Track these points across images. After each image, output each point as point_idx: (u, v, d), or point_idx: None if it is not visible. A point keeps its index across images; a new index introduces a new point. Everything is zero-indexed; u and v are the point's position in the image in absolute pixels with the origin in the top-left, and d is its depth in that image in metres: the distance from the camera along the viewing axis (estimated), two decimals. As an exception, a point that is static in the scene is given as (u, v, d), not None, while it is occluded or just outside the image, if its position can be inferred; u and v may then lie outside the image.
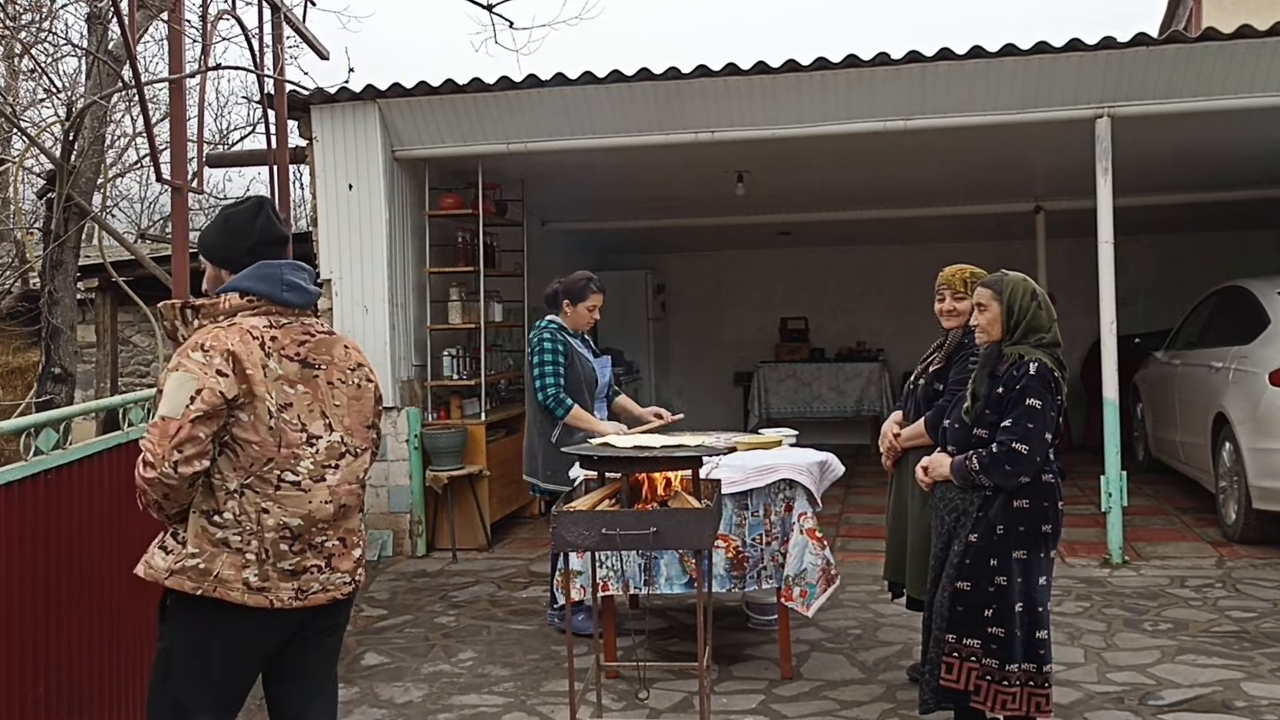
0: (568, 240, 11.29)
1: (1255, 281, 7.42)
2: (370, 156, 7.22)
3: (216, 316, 2.75)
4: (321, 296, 2.93)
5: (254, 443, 2.66)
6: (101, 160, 7.14)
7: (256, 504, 2.68)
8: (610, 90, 6.86)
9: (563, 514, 3.67)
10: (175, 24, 4.29)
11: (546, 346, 5.27)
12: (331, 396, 2.82)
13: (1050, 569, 3.67)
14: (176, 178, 4.61)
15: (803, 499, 4.64)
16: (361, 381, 2.93)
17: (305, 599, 2.75)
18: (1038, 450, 3.51)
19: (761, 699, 4.48)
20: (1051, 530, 3.62)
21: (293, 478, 2.71)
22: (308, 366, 2.79)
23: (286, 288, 2.79)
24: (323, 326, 2.90)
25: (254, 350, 2.68)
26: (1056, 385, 3.55)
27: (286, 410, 2.72)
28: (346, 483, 2.83)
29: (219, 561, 2.66)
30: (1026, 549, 3.58)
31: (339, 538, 2.82)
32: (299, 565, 2.73)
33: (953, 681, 3.61)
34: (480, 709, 4.47)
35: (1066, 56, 6.37)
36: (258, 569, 2.67)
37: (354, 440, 2.87)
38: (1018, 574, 3.56)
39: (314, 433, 2.76)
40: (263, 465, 2.68)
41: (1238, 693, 4.36)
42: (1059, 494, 3.64)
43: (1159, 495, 8.43)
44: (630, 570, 4.68)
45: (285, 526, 2.70)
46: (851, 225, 11.14)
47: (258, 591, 2.68)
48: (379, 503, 7.27)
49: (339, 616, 2.94)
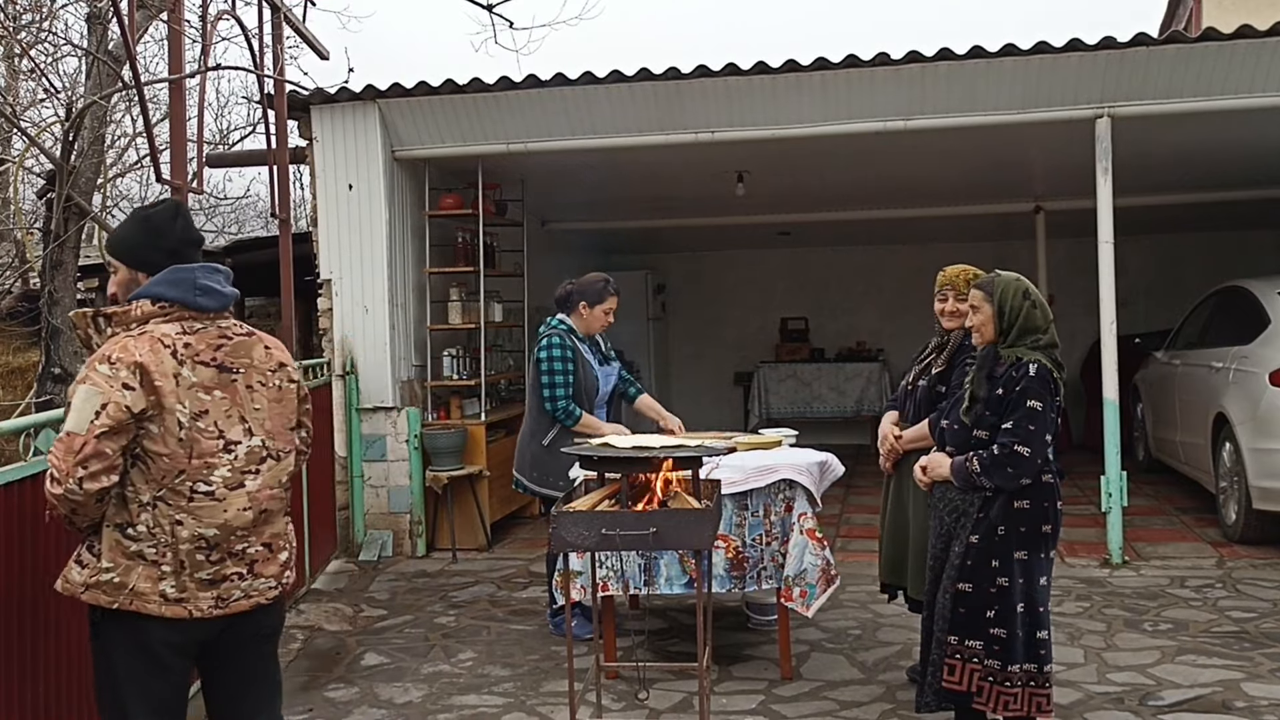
0: (568, 240, 11.29)
1: (1255, 281, 7.42)
2: (370, 156, 7.21)
3: (129, 324, 2.70)
4: (235, 298, 2.86)
5: (164, 455, 2.64)
6: (101, 160, 7.15)
7: (170, 516, 2.65)
8: (610, 90, 6.86)
9: (562, 514, 3.67)
10: (175, 24, 4.29)
11: (556, 354, 5.15)
12: (251, 400, 2.79)
13: (1050, 569, 3.69)
14: (176, 178, 4.62)
15: (803, 499, 4.64)
16: (283, 383, 2.88)
17: (227, 606, 2.73)
18: (1039, 452, 3.52)
19: (761, 699, 4.48)
20: (1051, 530, 3.63)
21: (206, 488, 2.68)
22: (225, 371, 2.75)
23: (200, 292, 2.74)
24: (241, 328, 2.85)
25: (165, 360, 2.64)
26: (1056, 386, 3.56)
27: (202, 418, 2.68)
28: (268, 488, 2.80)
29: (134, 574, 2.64)
30: (1027, 549, 3.59)
31: (263, 543, 2.79)
32: (218, 574, 2.71)
33: (955, 683, 3.61)
34: (480, 709, 4.47)
35: (1066, 57, 6.37)
36: (174, 580, 2.66)
37: (276, 443, 2.83)
38: (1019, 574, 3.57)
39: (232, 438, 2.73)
40: (174, 477, 2.65)
41: (1238, 693, 4.36)
42: (1058, 494, 3.66)
43: (1159, 495, 8.43)
44: (630, 570, 4.68)
45: (201, 537, 2.67)
46: (852, 225, 11.14)
47: (175, 603, 2.66)
48: (379, 503, 7.27)
49: (268, 622, 2.90)
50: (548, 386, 5.15)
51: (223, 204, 16.54)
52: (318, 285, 7.38)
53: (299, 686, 4.79)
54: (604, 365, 5.41)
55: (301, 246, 7.56)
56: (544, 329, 5.33)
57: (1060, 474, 3.71)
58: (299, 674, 4.96)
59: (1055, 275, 10.57)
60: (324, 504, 6.80)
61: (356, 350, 7.24)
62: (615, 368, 5.51)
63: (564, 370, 5.15)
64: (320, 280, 7.35)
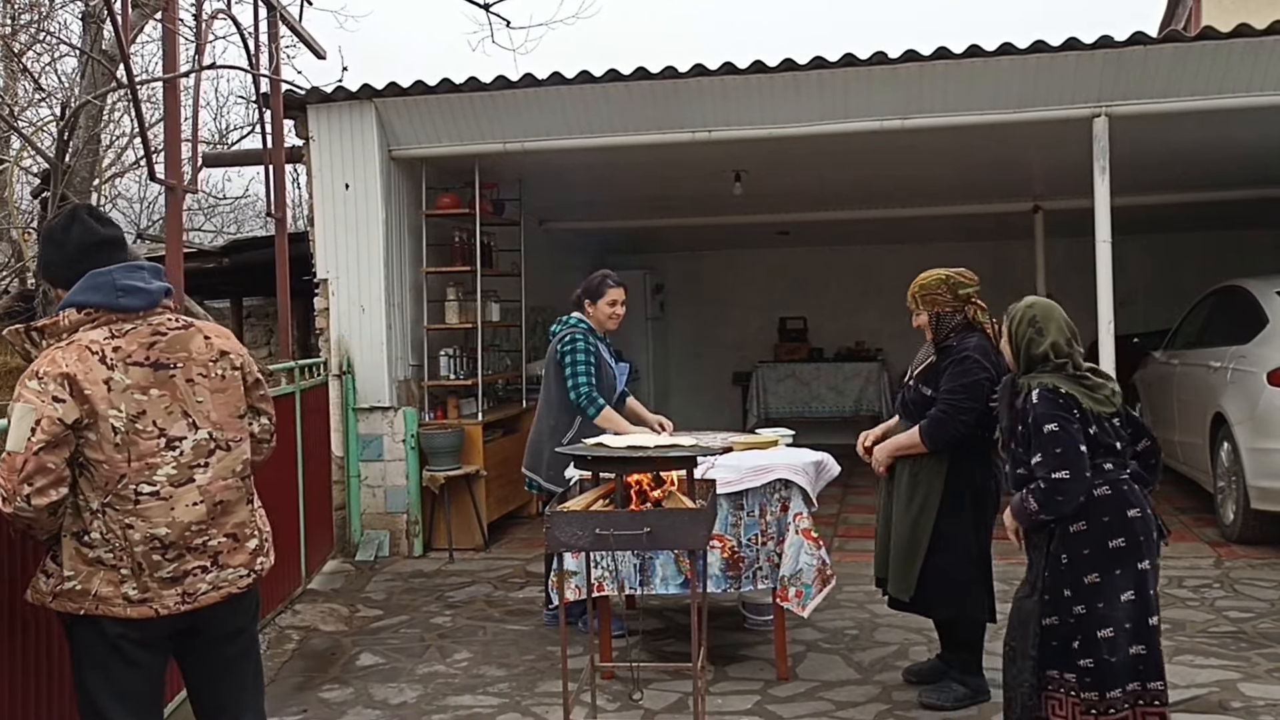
0: (566, 240, 11.28)
1: (1253, 281, 7.41)
2: (367, 156, 7.20)
3: (59, 335, 2.70)
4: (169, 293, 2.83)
5: (103, 462, 2.64)
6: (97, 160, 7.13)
7: (120, 520, 2.66)
8: (607, 89, 6.85)
9: (556, 514, 3.66)
10: (169, 23, 4.28)
11: (580, 346, 5.21)
12: (193, 393, 2.76)
13: (1144, 579, 3.47)
14: (172, 177, 4.61)
15: (798, 499, 4.63)
16: (226, 371, 2.85)
17: (195, 601, 2.73)
18: (1078, 471, 3.40)
19: (757, 699, 4.47)
20: (1126, 543, 3.45)
21: (149, 489, 2.67)
22: (161, 368, 2.72)
23: (122, 292, 2.71)
24: (177, 322, 2.81)
25: (93, 367, 2.63)
26: (1067, 400, 3.46)
27: (140, 419, 2.67)
28: (220, 479, 2.78)
29: (96, 580, 2.66)
30: (1098, 571, 3.44)
31: (225, 534, 2.78)
32: (179, 571, 2.70)
33: (1063, 717, 3.50)
34: (475, 709, 4.46)
35: (1064, 56, 6.36)
36: (135, 582, 2.67)
37: (225, 434, 2.81)
38: (1097, 599, 3.44)
39: (175, 434, 2.71)
40: (116, 483, 2.65)
41: (1235, 694, 4.35)
42: (1128, 502, 3.48)
43: (1157, 495, 8.29)
44: (625, 570, 4.67)
45: (154, 538, 2.67)
46: (850, 225, 11.13)
47: (140, 603, 2.67)
48: (375, 503, 7.26)
49: (240, 612, 2.88)
50: (571, 376, 5.18)
51: (222, 204, 16.50)
52: (315, 285, 7.37)
53: (294, 687, 4.77)
54: (618, 363, 5.51)
55: (299, 246, 7.56)
56: (561, 327, 5.37)
57: (1140, 479, 3.60)
58: (294, 674, 4.95)
59: (1054, 275, 10.56)
60: (321, 504, 6.79)
61: (353, 350, 7.23)
62: (626, 366, 5.62)
63: (586, 361, 5.20)
64: (317, 280, 7.34)
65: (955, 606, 4.27)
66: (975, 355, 4.13)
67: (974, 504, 4.22)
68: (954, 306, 4.23)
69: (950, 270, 4.30)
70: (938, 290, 4.23)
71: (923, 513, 4.21)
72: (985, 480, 4.25)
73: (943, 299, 4.23)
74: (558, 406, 5.26)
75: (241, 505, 2.85)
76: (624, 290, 5.40)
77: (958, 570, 4.19)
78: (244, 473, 2.87)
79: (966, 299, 4.24)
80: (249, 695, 2.97)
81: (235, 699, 2.94)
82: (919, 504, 4.22)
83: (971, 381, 4.10)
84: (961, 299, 4.23)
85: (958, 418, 4.10)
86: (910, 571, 4.23)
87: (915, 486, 4.25)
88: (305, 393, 6.44)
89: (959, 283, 4.24)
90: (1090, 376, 3.56)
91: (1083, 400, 3.48)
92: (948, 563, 4.19)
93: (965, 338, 4.21)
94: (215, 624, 2.83)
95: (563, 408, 5.23)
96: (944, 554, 4.18)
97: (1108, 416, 3.52)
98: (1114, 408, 3.54)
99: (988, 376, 4.08)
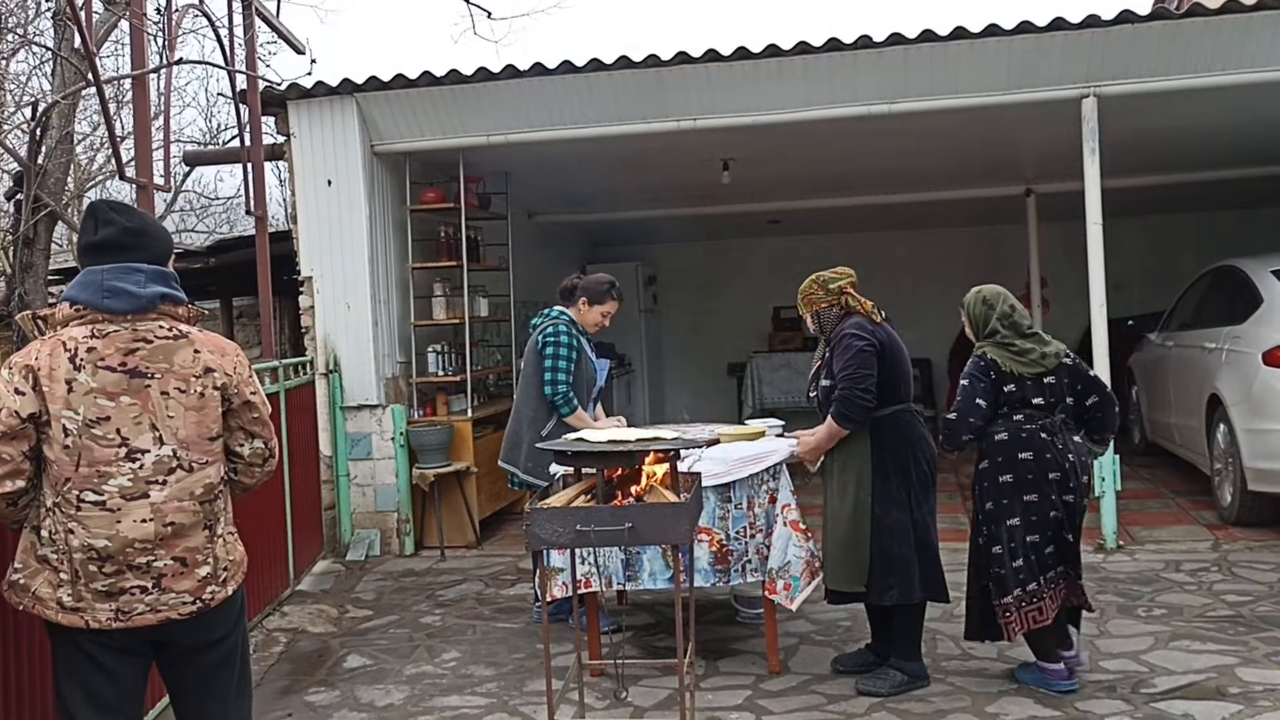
0: (556, 232, 11.21)
1: (1248, 261, 7.33)
2: (349, 151, 7.12)
3: (55, 327, 2.68)
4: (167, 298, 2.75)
5: (53, 461, 2.60)
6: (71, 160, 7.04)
7: (63, 523, 2.61)
8: (590, 79, 6.77)
9: (537, 511, 3.59)
10: (136, 19, 4.20)
11: (564, 341, 5.16)
12: (165, 407, 2.67)
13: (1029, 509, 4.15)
14: (143, 175, 4.53)
15: (786, 490, 4.56)
16: (206, 390, 2.73)
17: (128, 620, 2.64)
18: (963, 416, 4.19)
19: (748, 694, 4.40)
20: (1013, 479, 4.17)
21: (95, 497, 2.60)
22: (138, 376, 2.64)
23: (108, 294, 2.65)
24: (168, 330, 2.72)
25: (60, 364, 2.58)
26: (987, 363, 4.20)
27: (100, 424, 2.60)
28: (176, 499, 2.67)
29: (39, 579, 2.63)
30: (992, 500, 4.22)
31: (174, 557, 2.67)
32: (114, 586, 2.62)
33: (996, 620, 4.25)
34: (462, 710, 4.39)
35: (1051, 36, 6.28)
36: (71, 589, 2.61)
37: (189, 454, 2.70)
38: (993, 523, 4.21)
39: (138, 446, 2.63)
40: (63, 485, 2.59)
41: (1232, 678, 4.28)
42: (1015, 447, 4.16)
43: (1155, 479, 8.35)
44: (612, 566, 4.60)
45: (91, 548, 2.60)
46: (842, 213, 11.05)
47: (71, 611, 2.62)
48: (365, 502, 7.20)
49: (215, 624, 2.79)
50: (550, 371, 5.13)
51: (214, 204, 16.42)
52: (299, 282, 7.29)
53: (279, 691, 4.71)
54: (598, 359, 5.44)
55: (286, 244, 7.48)
56: (543, 319, 5.31)
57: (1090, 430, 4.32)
58: (279, 678, 4.89)
59: (1048, 259, 10.50)
60: (309, 504, 6.72)
61: (339, 348, 7.16)
62: (607, 363, 5.57)
63: (568, 358, 5.15)
64: (301, 277, 7.26)
65: (898, 590, 4.29)
66: (851, 330, 4.33)
67: (903, 483, 4.32)
68: (829, 301, 4.47)
69: (824, 271, 4.55)
70: (811, 291, 4.50)
71: (858, 501, 4.32)
72: (911, 455, 4.35)
73: (817, 297, 4.49)
74: (536, 398, 5.19)
75: (197, 530, 2.72)
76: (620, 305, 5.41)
77: (898, 551, 4.28)
78: (204, 497, 2.73)
79: (840, 290, 4.47)
80: (232, 705, 2.89)
81: (217, 709, 2.86)
82: (852, 493, 4.34)
83: (855, 352, 4.28)
84: (834, 292, 4.47)
85: (857, 389, 4.26)
86: (857, 560, 4.31)
87: (845, 475, 4.37)
88: (291, 392, 6.37)
89: (829, 279, 4.49)
90: (1018, 343, 4.21)
91: (1004, 364, 4.17)
92: (887, 545, 4.29)
93: (842, 323, 4.42)
94: (189, 634, 2.75)
95: (541, 399, 5.17)
96: (883, 536, 4.29)
97: (1032, 377, 4.18)
98: (1041, 369, 4.19)
99: (869, 343, 4.29)
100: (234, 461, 2.87)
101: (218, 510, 2.80)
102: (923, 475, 4.37)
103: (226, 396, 2.79)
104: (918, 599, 4.33)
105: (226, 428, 2.82)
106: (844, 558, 4.35)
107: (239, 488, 2.93)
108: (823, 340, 4.55)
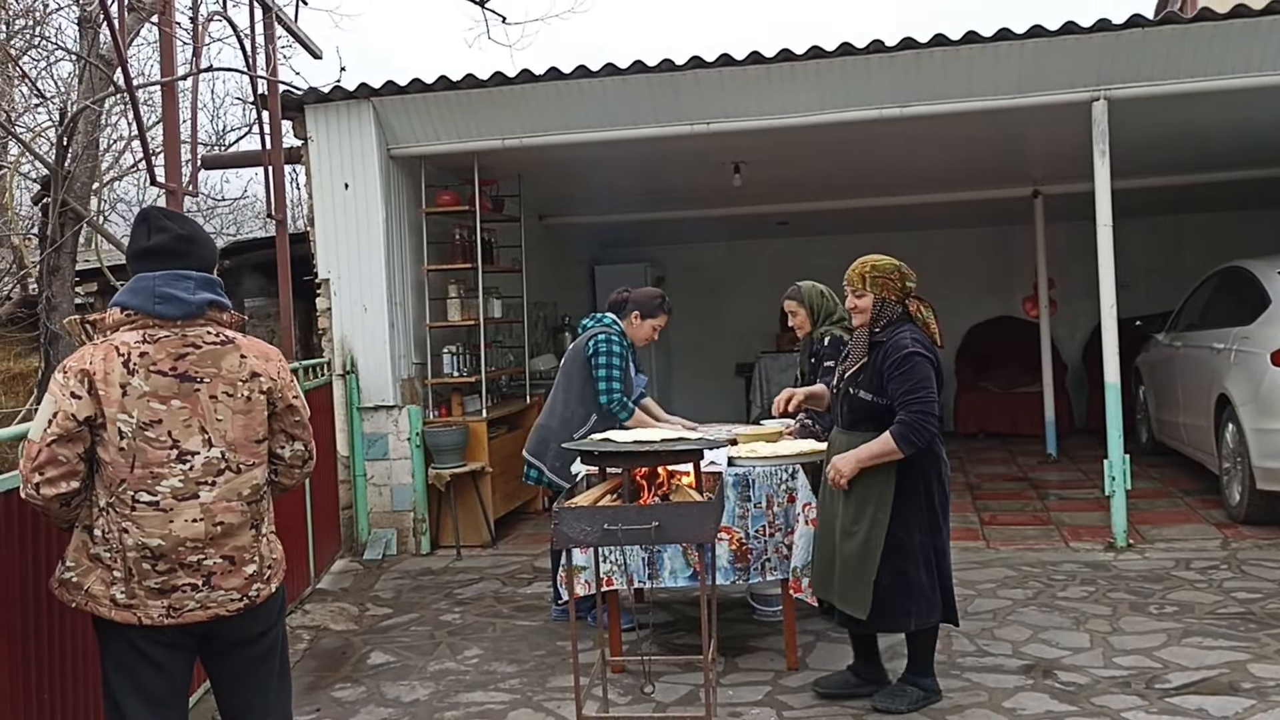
0: (566, 234, 11.27)
1: (1256, 261, 7.40)
2: (365, 155, 7.19)
3: (105, 332, 2.75)
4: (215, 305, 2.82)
5: (108, 463, 2.68)
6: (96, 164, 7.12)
7: (117, 523, 2.69)
8: (604, 83, 6.84)
9: (564, 510, 3.66)
10: (165, 26, 4.27)
11: (616, 349, 5.26)
12: (214, 410, 2.76)
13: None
14: (171, 180, 4.61)
15: (805, 489, 4.63)
16: (253, 394, 2.82)
17: (180, 616, 2.73)
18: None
19: (768, 690, 4.47)
20: None
21: (149, 498, 2.68)
22: (188, 380, 2.73)
23: (159, 300, 2.73)
24: (215, 336, 2.80)
25: (114, 368, 2.66)
26: (837, 344, 4.78)
27: (153, 427, 2.68)
28: (225, 500, 2.76)
29: (91, 577, 2.71)
30: None
31: (223, 556, 2.76)
32: (166, 584, 2.71)
33: None
34: (487, 706, 4.47)
35: (1062, 39, 6.34)
36: (124, 586, 2.69)
37: (237, 456, 2.80)
38: None
39: (189, 449, 2.72)
40: (118, 486, 2.68)
41: (1244, 674, 4.35)
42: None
43: (1163, 478, 8.42)
44: (634, 564, 4.68)
45: (145, 547, 2.68)
46: (851, 214, 11.10)
47: (124, 608, 2.70)
48: (382, 501, 7.27)
49: (259, 617, 2.88)
50: (605, 380, 5.22)
51: (220, 205, 16.49)
52: (316, 285, 7.37)
53: (306, 687, 4.79)
54: (638, 374, 5.58)
55: (299, 246, 7.56)
56: (594, 324, 5.42)
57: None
58: (305, 674, 4.96)
59: (1055, 259, 10.55)
60: (327, 504, 6.80)
61: (356, 349, 7.24)
62: (644, 379, 5.71)
63: (621, 366, 5.26)
64: (318, 280, 7.34)
65: (916, 617, 4.09)
66: (916, 347, 4.02)
67: (926, 503, 4.08)
68: (899, 296, 4.15)
69: (899, 261, 4.23)
70: (891, 275, 4.15)
71: (874, 521, 4.03)
72: (936, 474, 4.11)
73: (893, 285, 4.14)
74: (577, 400, 5.27)
75: (244, 529, 2.81)
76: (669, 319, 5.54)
77: (918, 576, 4.05)
78: (251, 497, 2.83)
79: (909, 293, 4.17)
80: (274, 697, 2.98)
81: (261, 702, 2.95)
82: (870, 512, 4.04)
83: (924, 372, 3.98)
84: (906, 291, 4.16)
85: (930, 414, 3.96)
86: (864, 585, 4.03)
87: (866, 492, 4.06)
88: (308, 393, 6.43)
89: (908, 274, 4.19)
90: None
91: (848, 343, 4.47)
92: (906, 569, 4.03)
93: (897, 330, 4.10)
94: (235, 629, 2.84)
95: (581, 401, 5.25)
96: (903, 560, 4.03)
97: None
98: None
99: (933, 361, 4.03)
100: (275, 463, 2.96)
101: (262, 510, 2.89)
102: (944, 495, 4.14)
103: (271, 400, 2.88)
104: (936, 622, 4.17)
105: (270, 430, 2.90)
106: (854, 582, 4.07)
107: (279, 489, 3.02)
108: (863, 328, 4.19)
